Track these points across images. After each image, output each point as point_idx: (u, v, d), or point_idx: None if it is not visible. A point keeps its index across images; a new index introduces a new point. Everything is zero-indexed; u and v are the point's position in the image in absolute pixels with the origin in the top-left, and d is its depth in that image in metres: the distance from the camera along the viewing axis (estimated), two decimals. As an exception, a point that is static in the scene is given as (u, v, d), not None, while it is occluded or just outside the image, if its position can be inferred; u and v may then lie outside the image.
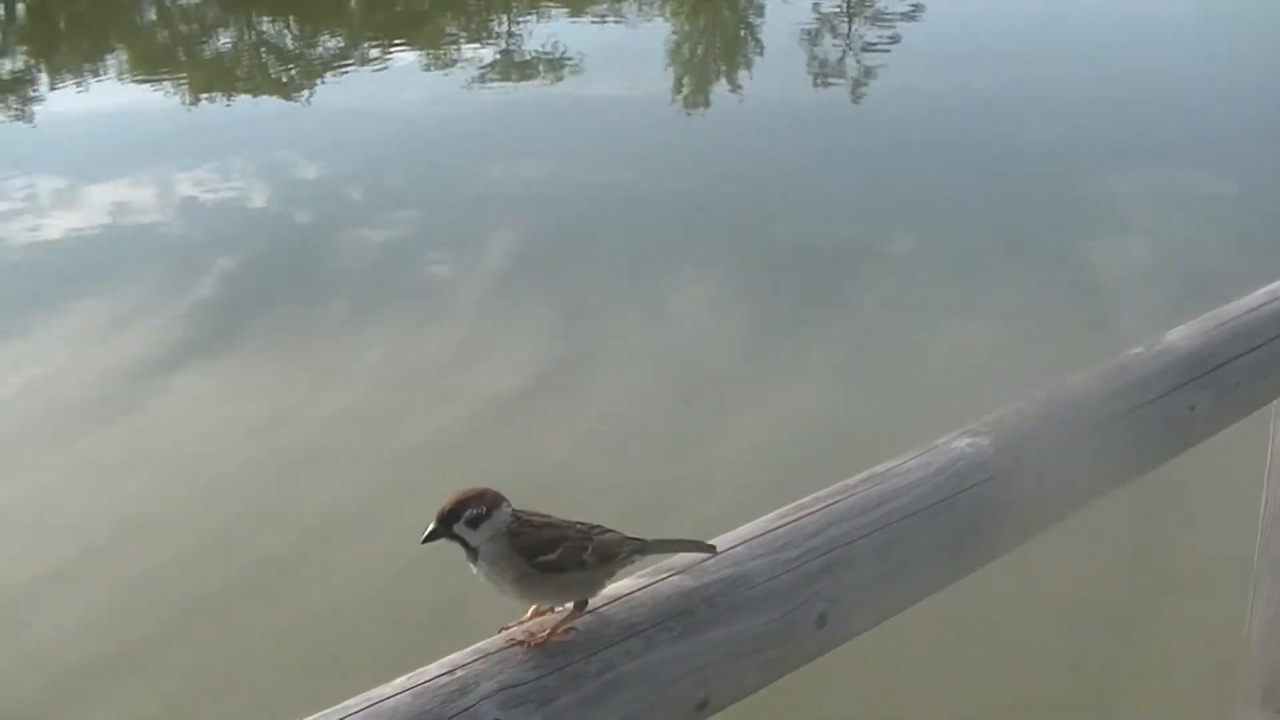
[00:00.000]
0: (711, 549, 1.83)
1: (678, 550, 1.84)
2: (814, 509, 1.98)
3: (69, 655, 5.07)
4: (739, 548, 1.87)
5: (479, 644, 1.63)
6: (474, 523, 1.72)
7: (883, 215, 9.83)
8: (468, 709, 1.52)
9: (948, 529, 2.09)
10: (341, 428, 6.91)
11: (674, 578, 1.78)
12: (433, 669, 1.58)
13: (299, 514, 6.09)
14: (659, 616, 1.71)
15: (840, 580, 1.92)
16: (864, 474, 2.11)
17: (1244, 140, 11.42)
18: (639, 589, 1.75)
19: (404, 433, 6.78)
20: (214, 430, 6.98)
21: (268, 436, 6.85)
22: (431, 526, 1.73)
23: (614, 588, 1.76)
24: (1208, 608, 4.75)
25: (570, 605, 1.71)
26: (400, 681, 1.56)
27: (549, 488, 6.15)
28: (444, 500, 1.73)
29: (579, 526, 1.78)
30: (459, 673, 1.57)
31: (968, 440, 2.22)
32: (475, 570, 1.75)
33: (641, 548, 1.79)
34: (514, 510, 1.76)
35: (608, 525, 1.81)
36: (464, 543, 1.73)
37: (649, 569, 1.81)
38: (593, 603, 1.73)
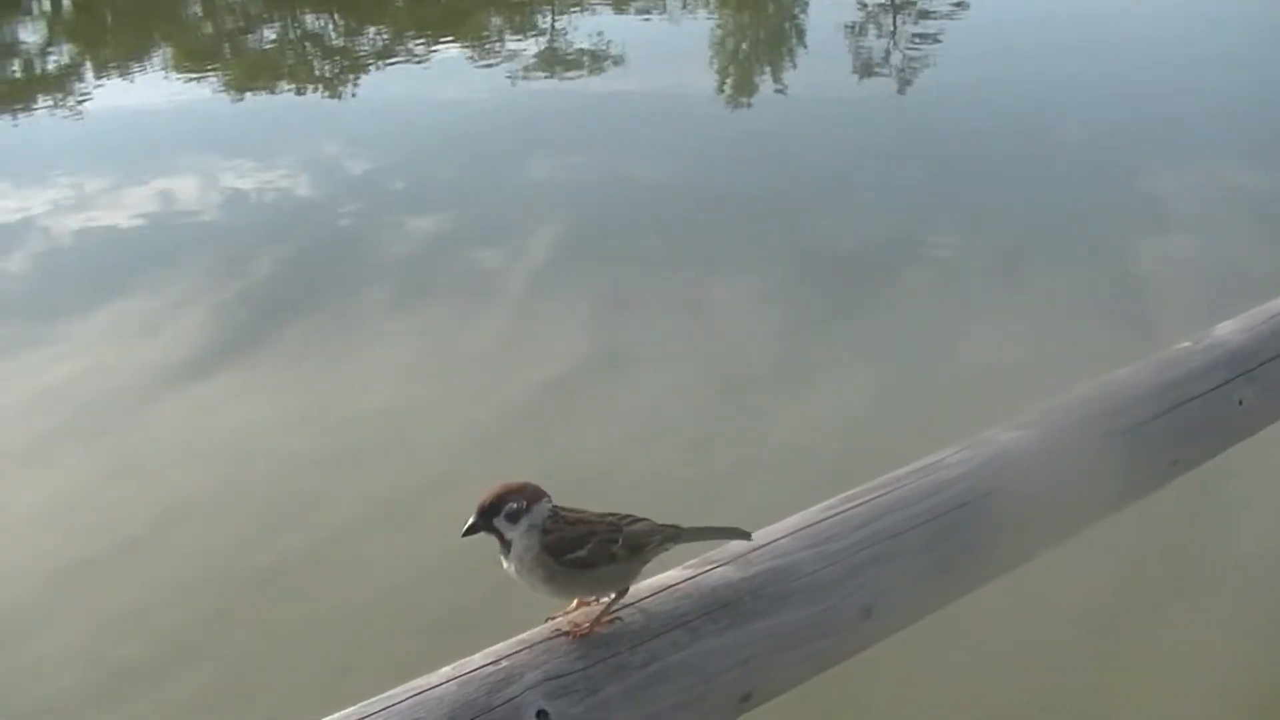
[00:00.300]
0: (748, 536, 1.82)
1: (714, 538, 1.83)
2: (860, 501, 1.97)
3: (107, 646, 5.07)
4: (785, 539, 1.86)
5: (523, 634, 1.63)
6: (514, 517, 1.72)
7: (923, 210, 9.78)
8: (512, 699, 1.51)
9: (993, 522, 2.08)
10: (382, 420, 6.89)
11: (719, 569, 1.78)
12: (477, 659, 1.58)
13: (338, 506, 6.08)
14: (704, 608, 1.70)
15: (886, 573, 1.91)
16: (909, 467, 2.10)
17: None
18: (684, 580, 1.75)
19: (444, 425, 6.77)
20: (254, 423, 6.98)
21: (307, 429, 6.85)
22: (472, 520, 1.74)
23: (659, 578, 1.76)
24: (1246, 607, 4.73)
25: (611, 595, 1.70)
26: (446, 671, 1.56)
27: (587, 481, 6.13)
28: (485, 493, 1.74)
29: (609, 519, 1.78)
30: (504, 663, 1.57)
31: (1013, 433, 2.21)
32: (506, 566, 1.75)
33: (675, 535, 1.78)
34: (553, 506, 1.76)
35: (640, 515, 1.81)
36: (500, 536, 1.73)
37: (695, 560, 1.80)
38: (638, 593, 1.72)
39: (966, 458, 2.13)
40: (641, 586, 1.74)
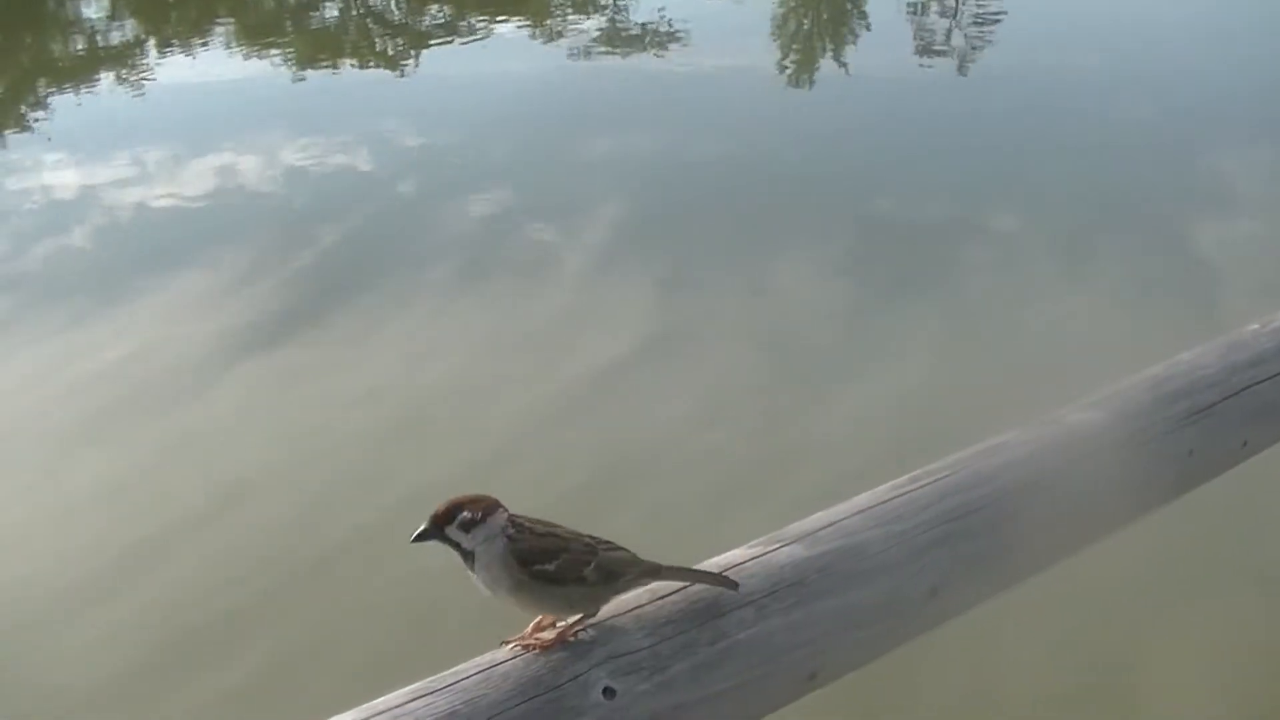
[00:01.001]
0: (735, 585, 1.70)
1: (696, 581, 1.72)
2: (928, 481, 1.96)
3: (166, 624, 5.09)
4: (853, 518, 1.85)
5: (592, 613, 1.62)
6: (466, 526, 1.69)
7: (985, 190, 9.72)
8: (579, 676, 1.52)
9: (1061, 503, 2.06)
10: (441, 397, 6.90)
11: (787, 548, 1.77)
12: (545, 635, 1.58)
13: (397, 483, 6.08)
14: (772, 586, 1.70)
15: (953, 553, 1.90)
16: (977, 447, 2.08)
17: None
18: (751, 559, 1.74)
19: (503, 403, 6.78)
20: (313, 400, 7.00)
21: (367, 406, 6.86)
22: (422, 527, 1.71)
23: (726, 556, 1.75)
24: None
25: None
26: (513, 647, 1.56)
27: (648, 459, 6.15)
28: (440, 504, 1.70)
29: (585, 539, 1.74)
30: (571, 639, 1.56)
31: (1081, 415, 2.19)
32: (473, 577, 1.72)
33: (654, 571, 1.70)
34: (511, 516, 1.73)
35: (620, 542, 1.76)
36: (456, 546, 1.70)
37: (762, 539, 1.79)
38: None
39: (1033, 438, 2.11)
40: (708, 565, 1.73)
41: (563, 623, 1.62)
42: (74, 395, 7.13)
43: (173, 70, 15.98)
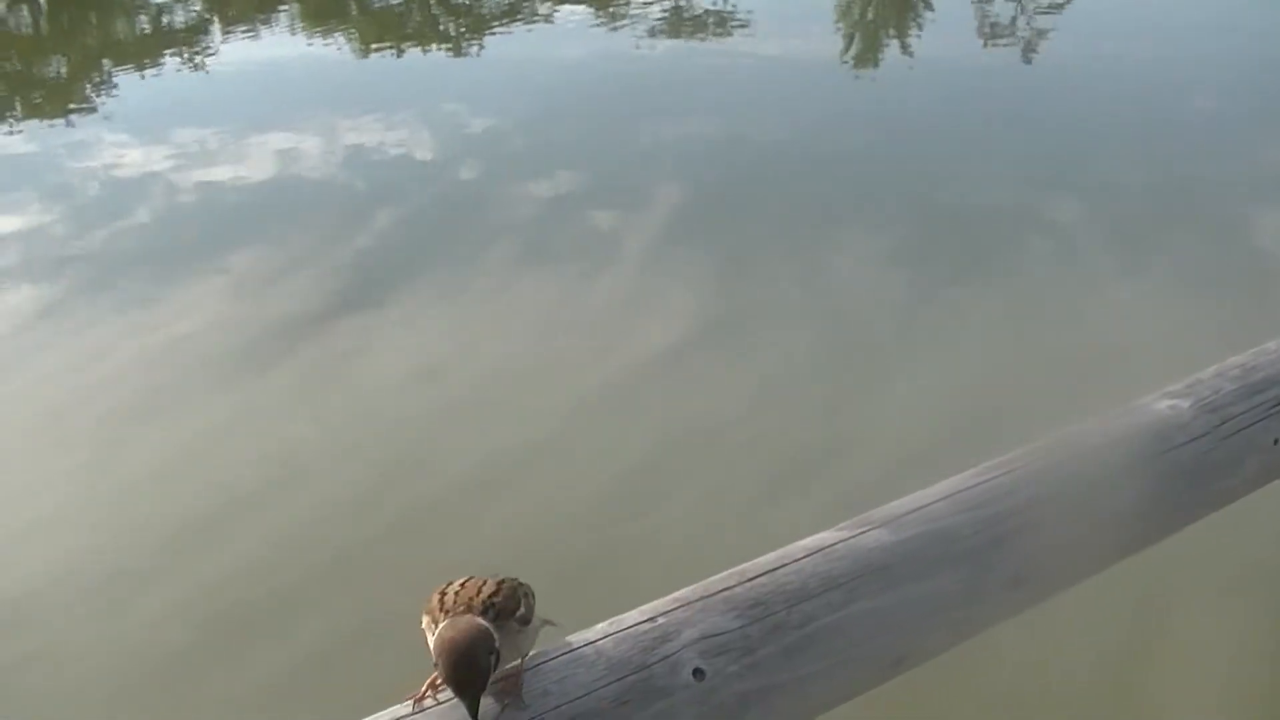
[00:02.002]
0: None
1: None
2: (1012, 468, 1.94)
3: (219, 603, 5.10)
4: (940, 503, 1.84)
5: (679, 592, 1.61)
6: (498, 662, 1.43)
7: (1046, 180, 9.66)
8: (668, 657, 1.51)
9: (1147, 492, 2.04)
10: (497, 379, 6.91)
11: (873, 531, 1.76)
12: (633, 615, 1.58)
13: (455, 465, 6.11)
14: (859, 570, 1.68)
15: (1037, 541, 1.88)
16: (1061, 433, 2.07)
17: None
18: (838, 541, 1.73)
19: (559, 386, 6.78)
20: (372, 380, 7.03)
21: (425, 387, 6.88)
22: (469, 706, 1.39)
23: (814, 539, 1.74)
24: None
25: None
26: (601, 627, 1.55)
27: (704, 444, 6.14)
28: (458, 672, 1.41)
29: (505, 580, 1.60)
30: (660, 620, 1.56)
31: (1167, 403, 2.16)
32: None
33: None
34: (482, 612, 1.49)
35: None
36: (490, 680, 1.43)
37: (849, 522, 1.78)
38: (791, 554, 1.70)
39: (1120, 426, 2.09)
40: (795, 547, 1.72)
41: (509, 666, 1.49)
42: (131, 373, 7.18)
43: (236, 51, 16.09)
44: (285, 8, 18.08)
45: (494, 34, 16.47)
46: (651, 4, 16.92)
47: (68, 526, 5.76)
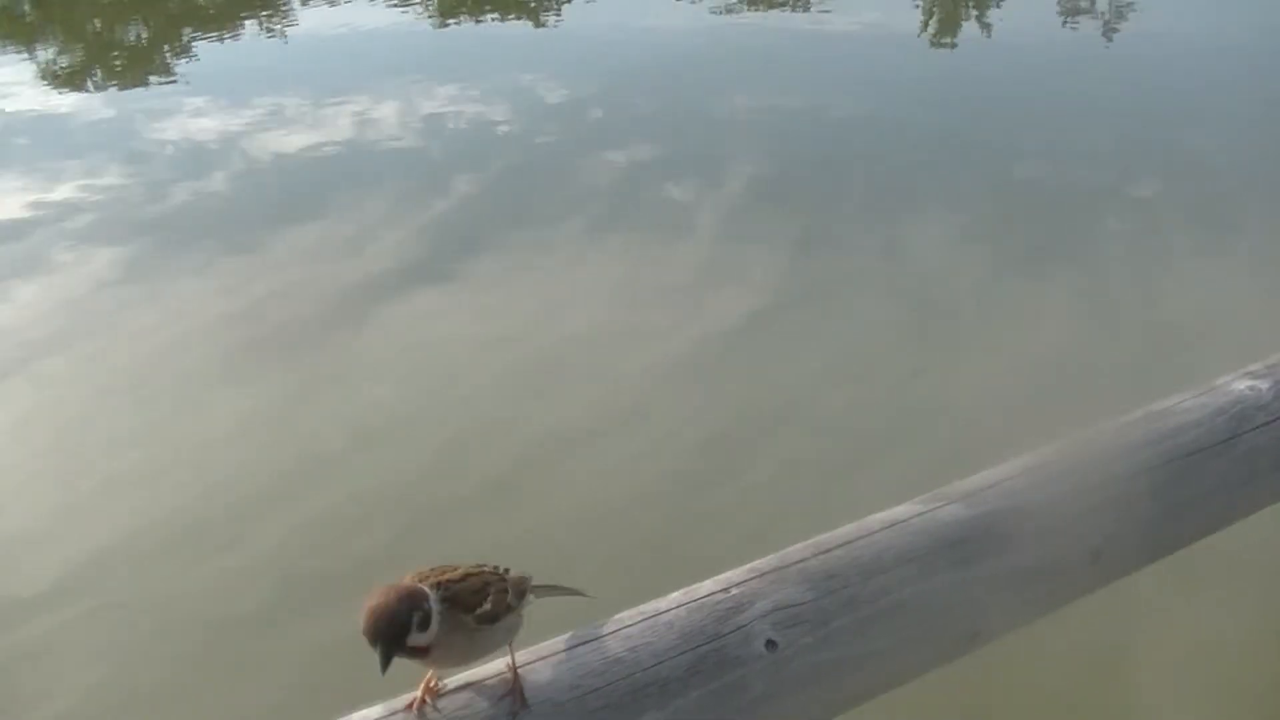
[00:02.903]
0: (585, 594, 1.68)
1: (557, 594, 1.68)
2: (1091, 443, 1.93)
3: (296, 564, 5.13)
4: (1016, 478, 1.83)
5: (755, 563, 1.61)
6: (425, 624, 1.44)
7: (1128, 158, 9.57)
8: (742, 627, 1.51)
9: (1226, 471, 2.02)
10: (573, 348, 6.92)
11: (950, 506, 1.75)
12: (708, 585, 1.57)
13: (528, 431, 6.12)
14: (935, 544, 1.68)
15: (1116, 516, 1.87)
16: (1141, 411, 2.05)
17: None
18: (915, 515, 1.72)
19: (635, 355, 6.77)
20: (450, 345, 7.04)
21: (499, 354, 6.89)
22: (381, 655, 1.41)
23: (892, 513, 1.73)
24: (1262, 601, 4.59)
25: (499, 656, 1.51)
26: (676, 596, 1.55)
27: (779, 416, 6.13)
28: (374, 617, 1.43)
29: (486, 568, 1.58)
30: (734, 590, 1.55)
31: (1248, 383, 2.14)
32: (417, 661, 1.47)
33: (533, 587, 1.62)
34: (433, 586, 1.49)
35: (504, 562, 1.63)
36: (418, 648, 1.45)
37: (926, 496, 1.77)
38: (868, 527, 1.69)
39: (1199, 404, 2.07)
40: (871, 520, 1.71)
41: (499, 663, 1.50)
42: (213, 334, 7.23)
43: (315, 18, 16.18)
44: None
45: (573, 4, 16.47)
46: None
47: (145, 485, 5.81)
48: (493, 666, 1.49)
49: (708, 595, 1.55)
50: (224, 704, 4.43)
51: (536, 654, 1.46)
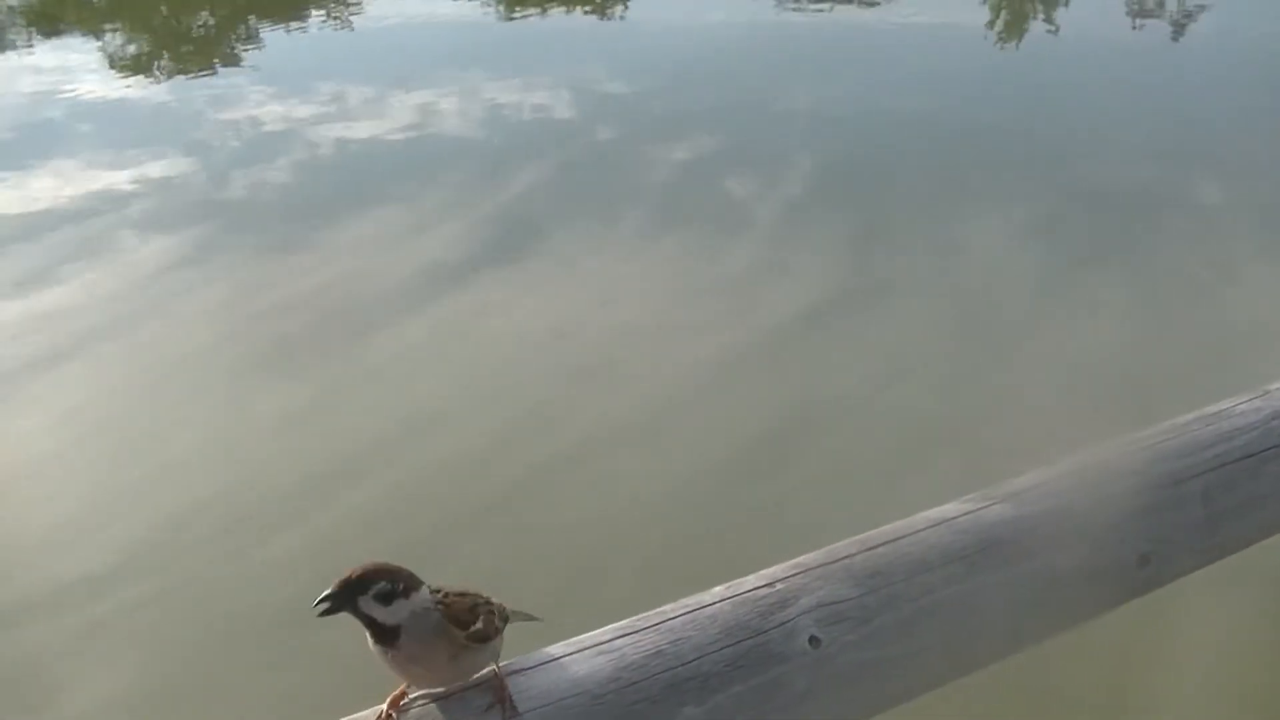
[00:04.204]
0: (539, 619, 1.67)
1: (520, 619, 1.66)
2: (1144, 445, 1.91)
3: (344, 553, 5.13)
4: (1066, 479, 1.81)
5: (800, 558, 1.60)
6: (385, 598, 1.46)
7: (1189, 160, 9.48)
8: (785, 623, 1.50)
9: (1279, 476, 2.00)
10: (628, 341, 6.91)
11: (997, 506, 1.73)
12: (751, 580, 1.57)
13: (584, 423, 6.12)
14: (981, 544, 1.66)
15: (1166, 520, 1.85)
16: (1194, 414, 2.02)
17: None
18: (962, 514, 1.71)
19: (689, 349, 6.76)
20: (498, 338, 7.05)
21: (557, 345, 6.90)
22: (329, 591, 1.48)
23: (939, 511, 1.72)
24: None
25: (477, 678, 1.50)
26: (719, 590, 1.55)
27: (832, 412, 6.11)
28: (352, 568, 1.48)
29: (470, 593, 1.56)
30: (778, 586, 1.55)
31: (1304, 387, 2.12)
32: (387, 654, 1.47)
33: (511, 613, 1.62)
34: (431, 589, 1.51)
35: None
36: (369, 620, 1.46)
37: (973, 495, 1.76)
38: (911, 527, 1.68)
39: (1255, 408, 2.04)
40: (918, 518, 1.70)
41: (479, 675, 1.49)
42: (267, 321, 7.27)
43: (381, 8, 16.21)
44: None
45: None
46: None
47: (191, 474, 5.84)
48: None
49: (751, 590, 1.54)
50: (261, 695, 4.45)
51: (577, 645, 1.45)
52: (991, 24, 14.77)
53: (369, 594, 1.45)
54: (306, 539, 5.27)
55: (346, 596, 1.46)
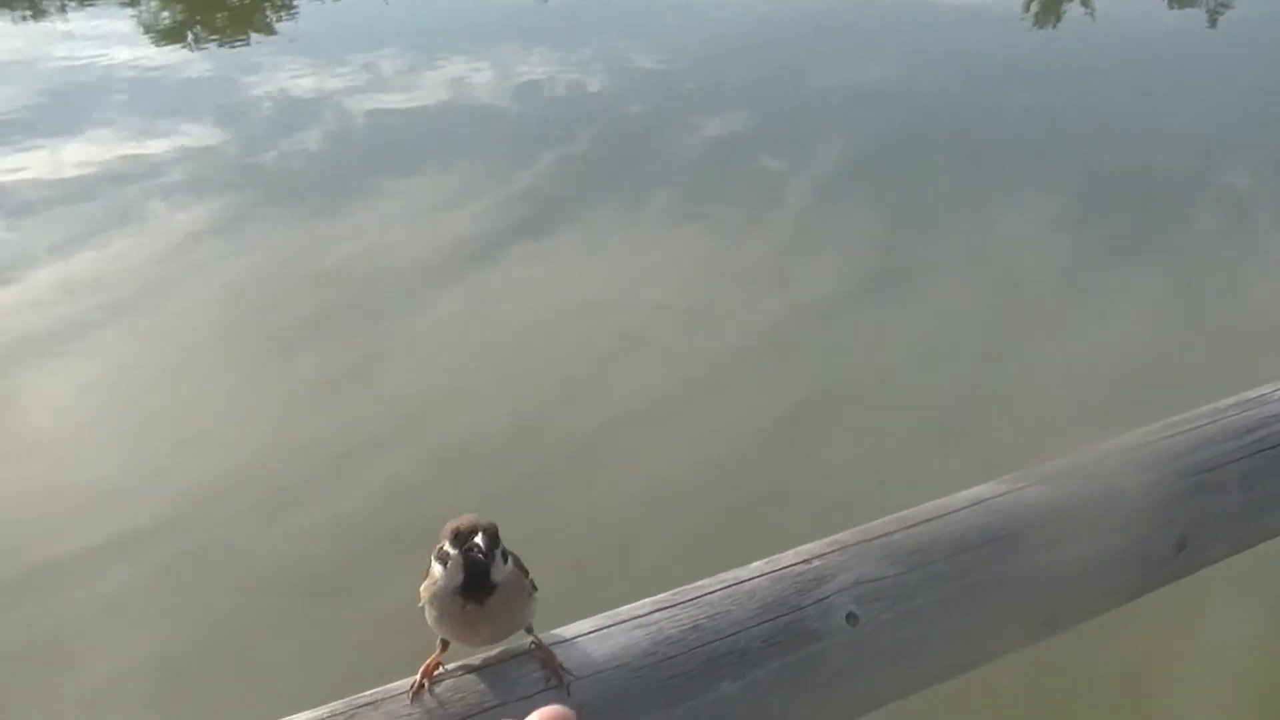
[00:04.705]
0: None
1: None
2: (1182, 430, 1.90)
3: (370, 525, 5.15)
4: (1104, 463, 1.81)
5: (838, 535, 1.60)
6: (505, 556, 1.40)
7: (1223, 147, 9.44)
8: (823, 600, 1.49)
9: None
10: (656, 321, 6.91)
11: (1035, 487, 1.73)
12: (789, 556, 1.56)
13: (610, 399, 6.13)
14: (1019, 525, 1.66)
15: (1204, 505, 1.84)
16: (1233, 399, 2.01)
17: None
18: (999, 495, 1.70)
19: (720, 328, 6.76)
20: (533, 312, 7.05)
21: (587, 322, 6.90)
22: (485, 541, 1.37)
23: (974, 491, 1.71)
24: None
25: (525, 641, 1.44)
26: (757, 566, 1.54)
27: (864, 394, 6.11)
28: (480, 523, 1.39)
29: None
30: (816, 562, 1.54)
31: (1338, 379, 2.11)
32: (471, 606, 1.39)
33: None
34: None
35: None
36: (487, 576, 1.38)
37: (1010, 476, 1.75)
38: (951, 505, 1.67)
39: (1290, 396, 2.03)
40: (957, 498, 1.69)
41: (522, 643, 1.43)
42: (299, 293, 7.28)
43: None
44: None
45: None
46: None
47: (225, 442, 5.86)
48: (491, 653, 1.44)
49: (789, 566, 1.54)
50: (290, 663, 4.47)
51: (614, 618, 1.45)
52: (1027, 6, 14.70)
53: (500, 548, 1.38)
54: (335, 508, 5.29)
55: (494, 546, 1.38)
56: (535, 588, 1.47)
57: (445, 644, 1.44)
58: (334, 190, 8.85)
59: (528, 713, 1.02)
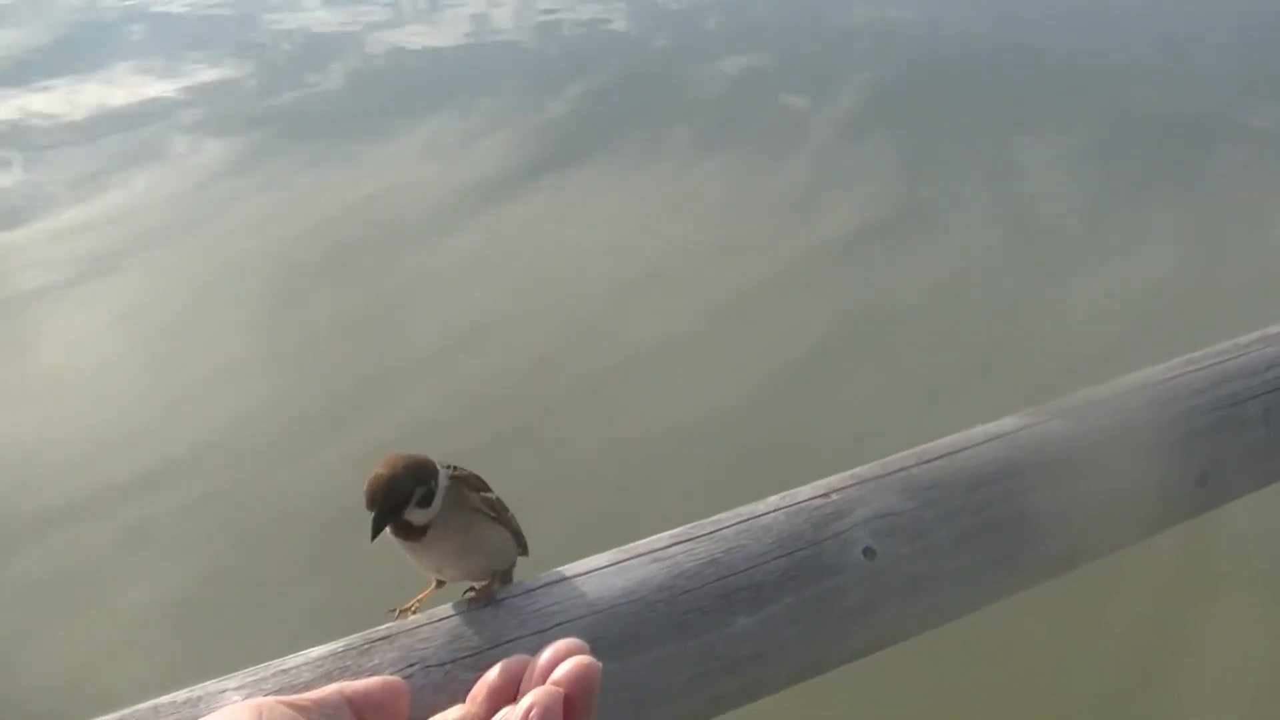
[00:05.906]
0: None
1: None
2: (1203, 365, 1.88)
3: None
4: (1125, 397, 1.79)
5: (857, 469, 1.58)
6: (427, 501, 1.37)
7: (1250, 87, 9.38)
8: (840, 534, 1.48)
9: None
10: (678, 257, 6.91)
11: (1056, 421, 1.71)
12: (807, 490, 1.54)
13: (633, 337, 6.14)
14: (1039, 460, 1.64)
15: (1225, 440, 1.82)
16: (1256, 334, 1.99)
17: None
18: (1020, 429, 1.68)
19: (740, 266, 6.76)
20: (555, 248, 7.06)
21: (605, 259, 6.90)
22: (374, 521, 1.36)
23: (998, 425, 1.69)
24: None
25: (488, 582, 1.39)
26: (773, 500, 1.53)
27: (885, 332, 6.11)
28: (377, 482, 1.37)
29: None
30: (834, 496, 1.52)
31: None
32: (415, 549, 1.39)
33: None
34: (445, 465, 1.43)
35: None
36: (411, 526, 1.37)
37: (1031, 410, 1.74)
38: (972, 439, 1.66)
39: (1317, 330, 2.01)
40: (976, 432, 1.68)
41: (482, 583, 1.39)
42: (320, 231, 7.29)
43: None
44: None
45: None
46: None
47: (246, 379, 5.88)
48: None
49: (807, 500, 1.52)
50: (311, 599, 4.49)
51: (631, 551, 1.44)
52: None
53: (413, 504, 1.36)
54: (356, 445, 5.30)
55: (393, 517, 1.36)
56: (499, 510, 1.46)
57: (440, 582, 1.44)
58: (355, 127, 8.85)
59: (543, 646, 1.02)
